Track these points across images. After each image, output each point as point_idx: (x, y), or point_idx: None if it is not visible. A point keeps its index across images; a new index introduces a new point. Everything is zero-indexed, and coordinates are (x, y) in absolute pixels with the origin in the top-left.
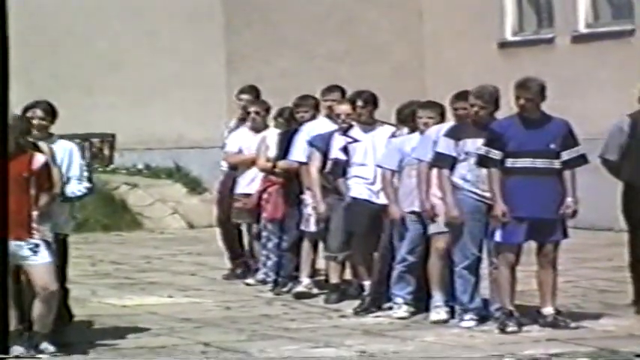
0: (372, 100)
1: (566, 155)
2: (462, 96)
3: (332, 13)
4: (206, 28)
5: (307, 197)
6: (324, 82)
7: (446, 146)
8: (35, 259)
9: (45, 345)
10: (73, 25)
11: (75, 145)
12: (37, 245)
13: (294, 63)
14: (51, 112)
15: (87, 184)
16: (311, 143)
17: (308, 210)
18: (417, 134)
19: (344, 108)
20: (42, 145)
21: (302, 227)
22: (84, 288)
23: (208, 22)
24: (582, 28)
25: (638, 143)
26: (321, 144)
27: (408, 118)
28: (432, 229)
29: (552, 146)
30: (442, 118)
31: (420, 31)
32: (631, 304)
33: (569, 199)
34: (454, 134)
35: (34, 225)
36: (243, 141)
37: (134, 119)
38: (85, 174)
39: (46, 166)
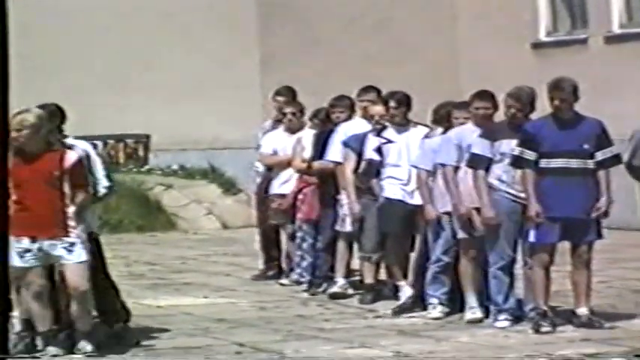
0: (405, 101)
1: (600, 155)
2: (481, 95)
3: (366, 14)
4: (240, 29)
5: (343, 198)
6: (359, 82)
7: (481, 147)
8: (70, 258)
9: (83, 344)
10: (109, 25)
11: (89, 144)
12: (72, 244)
13: (328, 64)
14: (59, 115)
15: (106, 184)
16: (346, 144)
17: (344, 210)
18: (469, 126)
19: (378, 109)
20: (77, 142)
21: (337, 227)
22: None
23: (243, 22)
24: (616, 29)
25: None
26: (356, 144)
27: (443, 118)
28: (461, 234)
29: (586, 146)
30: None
31: (454, 32)
32: None
33: (601, 200)
34: (489, 135)
35: (71, 223)
36: (279, 142)
37: (169, 120)
38: (104, 172)
39: (80, 164)
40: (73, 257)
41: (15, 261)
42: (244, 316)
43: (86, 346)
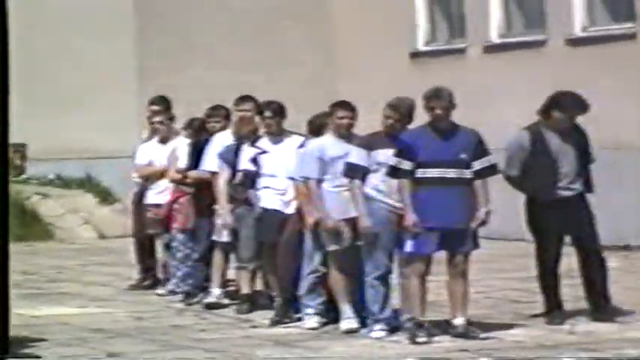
0: (280, 111)
1: (477, 165)
2: (344, 105)
3: (244, 22)
4: (118, 38)
5: (218, 207)
6: (237, 91)
7: (358, 156)
8: None
9: None
10: None
11: None
12: None
13: (206, 72)
14: None
15: None
16: (219, 155)
17: (220, 220)
18: (328, 137)
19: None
20: None
21: (214, 237)
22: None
23: (120, 31)
24: (494, 38)
25: (538, 158)
26: (229, 156)
27: (319, 129)
28: (330, 245)
29: (463, 156)
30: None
31: (333, 41)
32: (541, 314)
33: (481, 210)
34: (366, 144)
35: None
36: (153, 152)
37: (46, 129)
38: None
39: None
40: None
41: None
42: (121, 326)
43: None
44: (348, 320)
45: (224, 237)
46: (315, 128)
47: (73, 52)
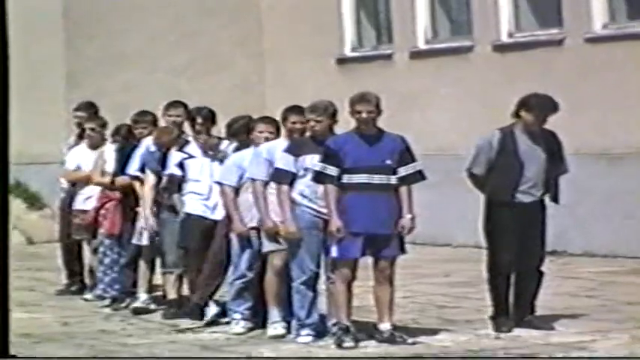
0: (210, 117)
1: (402, 171)
2: (293, 110)
3: (173, 27)
4: (46, 42)
5: (141, 211)
6: (166, 96)
7: (285, 162)
8: None
9: None
10: None
11: None
12: None
13: (135, 77)
14: None
15: None
16: (143, 161)
17: (141, 223)
18: (280, 141)
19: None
20: None
21: (134, 241)
22: None
23: (49, 35)
24: (421, 45)
25: (504, 160)
26: (153, 163)
27: (238, 131)
28: (268, 246)
29: (388, 162)
30: (278, 134)
31: (261, 46)
32: (488, 319)
33: (407, 216)
34: (293, 150)
35: None
36: (82, 157)
37: None
38: None
39: None
40: None
41: None
42: (48, 331)
43: None
44: (274, 325)
45: (144, 240)
46: (234, 131)
47: None
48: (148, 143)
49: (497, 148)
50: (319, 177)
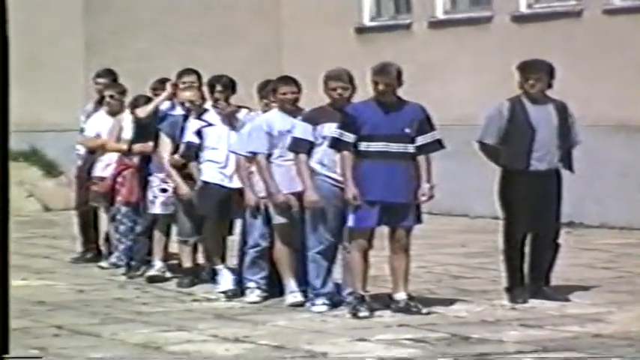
0: (230, 85)
1: (421, 140)
2: (286, 80)
3: None
4: (64, 10)
5: (153, 180)
6: (182, 65)
7: (303, 131)
8: None
9: None
10: None
11: None
12: None
13: (151, 46)
14: None
15: None
16: (160, 128)
17: (153, 192)
18: (275, 112)
19: (187, 94)
20: None
21: (148, 210)
22: None
23: (66, 3)
24: (440, 14)
25: (516, 127)
26: (169, 129)
27: (269, 94)
28: (277, 219)
29: (407, 130)
30: (299, 93)
31: (278, 15)
32: (503, 290)
33: (425, 185)
34: (312, 119)
35: None
36: (101, 125)
37: None
38: None
39: None
40: None
41: None
42: (63, 299)
43: None
44: (293, 294)
45: (156, 208)
46: (266, 94)
47: (19, 24)
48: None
49: (508, 117)
50: (336, 143)
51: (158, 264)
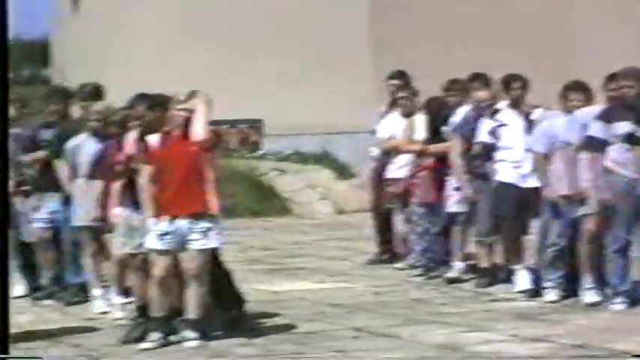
0: (526, 84)
1: None
2: (613, 77)
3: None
4: (351, 13)
5: (451, 179)
6: (473, 68)
7: (598, 129)
8: (204, 242)
9: (187, 332)
10: (219, 13)
11: None
12: (209, 228)
13: (439, 49)
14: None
15: None
16: (453, 128)
17: (449, 191)
18: (564, 116)
19: (481, 94)
20: None
21: (447, 210)
22: (234, 274)
23: (353, 6)
24: None
25: None
26: (462, 129)
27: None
28: (581, 210)
29: None
30: (590, 101)
31: (566, 15)
32: None
33: None
34: (606, 117)
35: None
36: (395, 126)
37: (282, 105)
38: None
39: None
40: (205, 242)
41: (152, 244)
42: (360, 301)
43: (189, 334)
44: (589, 292)
45: (454, 208)
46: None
47: (306, 28)
48: (461, 111)
49: None
50: (631, 139)
51: (458, 265)
